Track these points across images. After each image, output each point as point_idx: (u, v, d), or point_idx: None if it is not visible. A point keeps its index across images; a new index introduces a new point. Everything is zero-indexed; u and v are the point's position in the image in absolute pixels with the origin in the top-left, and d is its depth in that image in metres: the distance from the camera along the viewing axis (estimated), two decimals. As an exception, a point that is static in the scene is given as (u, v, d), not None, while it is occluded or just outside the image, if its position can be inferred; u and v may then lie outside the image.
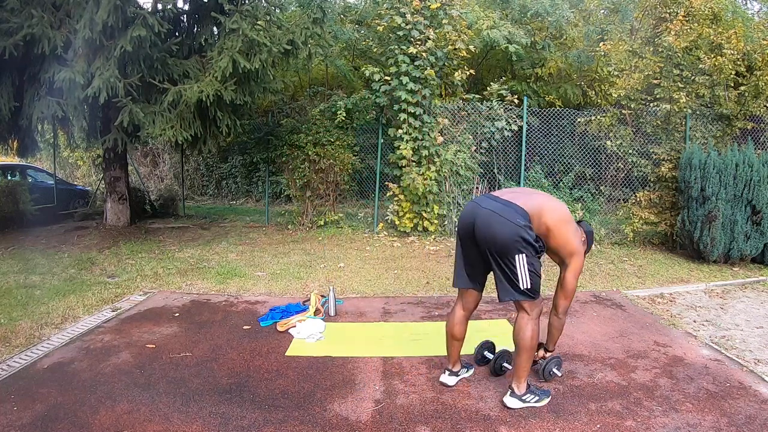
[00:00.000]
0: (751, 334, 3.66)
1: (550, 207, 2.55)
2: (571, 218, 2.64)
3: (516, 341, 2.53)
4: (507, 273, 2.45)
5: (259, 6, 6.77)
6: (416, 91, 6.93)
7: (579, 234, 2.67)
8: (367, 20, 10.86)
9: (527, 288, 2.43)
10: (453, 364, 2.86)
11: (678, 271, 5.43)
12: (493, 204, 2.49)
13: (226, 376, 2.97)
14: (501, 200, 2.50)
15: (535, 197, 2.59)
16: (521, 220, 2.40)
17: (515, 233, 2.38)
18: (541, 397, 2.57)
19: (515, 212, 2.42)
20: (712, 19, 6.87)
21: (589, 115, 7.39)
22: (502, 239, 2.40)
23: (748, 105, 6.40)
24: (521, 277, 2.41)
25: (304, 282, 4.99)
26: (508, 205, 2.46)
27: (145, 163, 13.54)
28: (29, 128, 7.06)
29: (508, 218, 2.40)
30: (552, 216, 2.51)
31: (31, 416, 2.50)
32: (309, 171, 7.63)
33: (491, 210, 2.46)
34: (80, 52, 5.74)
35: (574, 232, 2.60)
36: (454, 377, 2.85)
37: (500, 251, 2.43)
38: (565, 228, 2.55)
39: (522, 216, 2.41)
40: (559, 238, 2.53)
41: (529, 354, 2.51)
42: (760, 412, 2.54)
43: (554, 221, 2.51)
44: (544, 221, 2.49)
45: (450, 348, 2.81)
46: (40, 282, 4.96)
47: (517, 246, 2.39)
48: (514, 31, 9.06)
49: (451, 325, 2.76)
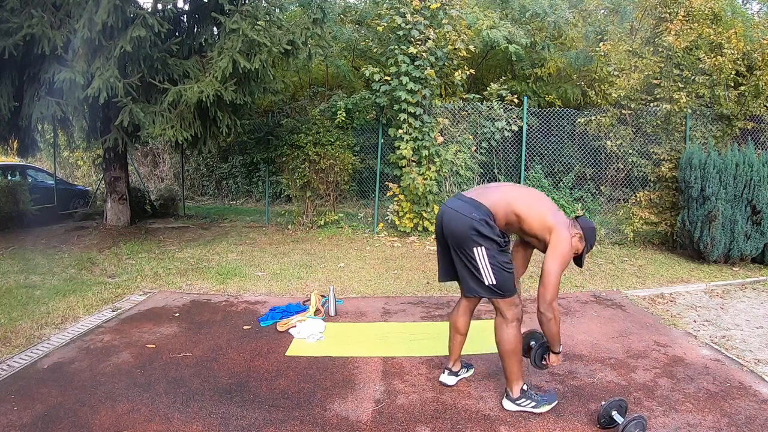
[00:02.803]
0: (751, 334, 3.66)
1: (517, 194, 2.57)
2: (542, 198, 2.59)
3: (496, 345, 2.56)
4: (468, 267, 2.49)
5: (259, 6, 6.76)
6: (416, 91, 6.93)
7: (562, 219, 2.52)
8: (367, 20, 10.86)
9: (492, 284, 2.44)
10: (453, 363, 2.86)
11: (678, 271, 5.43)
12: (456, 203, 2.57)
13: (226, 376, 2.97)
14: (465, 198, 2.57)
15: (500, 189, 2.64)
16: (477, 214, 2.45)
17: (469, 225, 2.44)
18: (539, 403, 2.53)
19: (472, 207, 2.49)
20: (712, 19, 6.87)
21: (589, 115, 7.39)
22: (459, 232, 2.47)
23: (748, 105, 6.40)
24: (483, 272, 2.43)
25: (304, 282, 4.99)
26: (468, 202, 2.52)
27: (145, 163, 13.54)
28: (29, 128, 7.06)
29: (463, 213, 2.47)
30: (519, 201, 2.51)
31: (31, 416, 2.51)
32: (309, 171, 7.63)
33: (452, 208, 2.54)
34: (80, 52, 5.74)
35: (549, 211, 2.51)
36: (453, 377, 2.86)
37: (459, 244, 2.50)
38: (534, 208, 2.50)
39: (478, 210, 2.46)
40: (530, 219, 2.48)
41: (510, 358, 2.51)
42: (760, 412, 2.54)
43: (522, 204, 2.50)
44: (512, 209, 2.49)
45: (452, 343, 2.83)
46: (40, 282, 4.96)
47: (472, 237, 2.43)
48: (514, 31, 9.05)
49: (455, 317, 2.80)
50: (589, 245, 2.61)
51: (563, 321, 3.77)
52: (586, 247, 2.60)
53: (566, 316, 3.94)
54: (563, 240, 2.44)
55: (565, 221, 2.52)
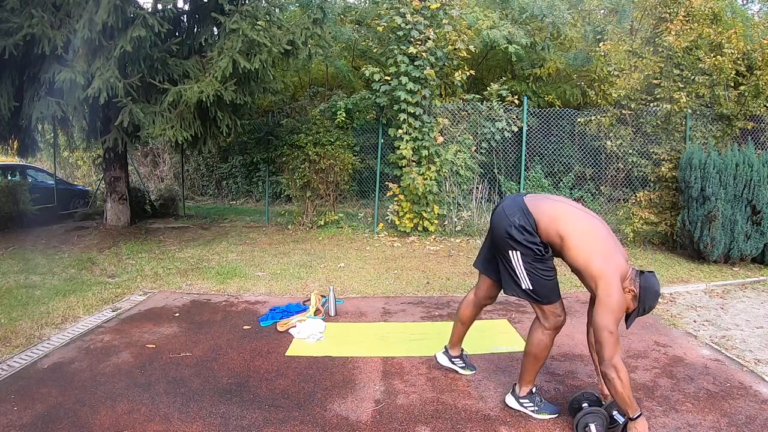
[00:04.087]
0: (751, 334, 3.66)
1: (570, 215, 2.34)
2: (599, 233, 2.30)
3: (526, 342, 2.55)
4: (506, 267, 2.47)
5: (259, 6, 6.76)
6: (416, 91, 6.93)
7: (614, 268, 2.20)
8: (367, 20, 10.87)
9: (529, 288, 2.41)
10: (451, 345, 2.94)
11: (678, 271, 5.43)
12: (509, 202, 2.49)
13: (226, 376, 2.97)
14: (518, 200, 2.45)
15: (556, 204, 2.42)
16: (517, 220, 2.36)
17: (504, 228, 2.39)
18: (541, 409, 2.51)
19: (517, 210, 2.39)
20: (712, 19, 6.87)
21: (589, 115, 7.39)
22: (497, 232, 2.46)
23: (748, 105, 6.40)
24: (520, 276, 2.41)
25: (304, 282, 4.99)
26: (518, 204, 2.42)
27: (145, 163, 13.53)
28: (29, 128, 7.06)
29: (507, 214, 2.41)
30: (568, 225, 2.30)
31: (31, 416, 2.50)
32: (309, 171, 7.63)
33: (503, 206, 2.50)
34: (80, 52, 5.74)
35: (599, 252, 2.24)
36: (446, 359, 2.95)
37: (496, 243, 2.49)
38: (580, 240, 2.26)
39: (521, 216, 2.36)
40: (573, 250, 2.26)
41: (533, 360, 2.47)
42: (760, 412, 2.54)
43: (568, 230, 2.28)
44: (556, 228, 2.30)
45: (453, 328, 2.92)
46: (41, 282, 4.96)
47: (507, 241, 2.39)
48: (514, 32, 9.06)
49: (462, 306, 2.86)
50: (642, 308, 2.25)
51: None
52: (639, 309, 2.25)
53: (566, 316, 3.93)
54: (613, 293, 2.15)
55: (617, 271, 2.20)
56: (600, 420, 2.26)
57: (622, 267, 2.24)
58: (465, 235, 7.28)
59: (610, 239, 2.31)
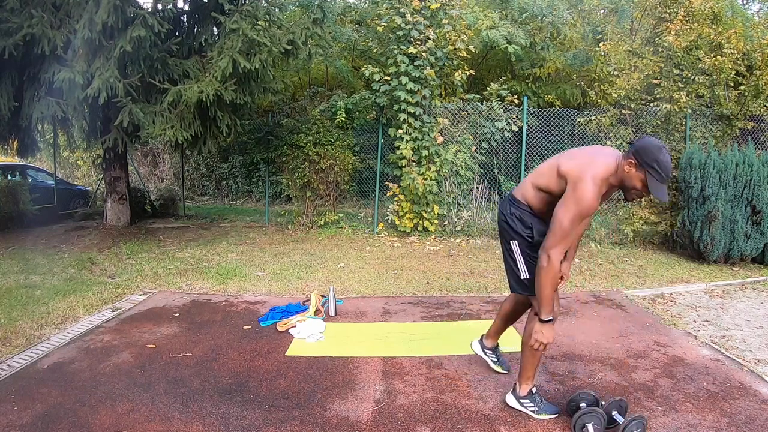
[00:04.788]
0: (751, 334, 3.66)
1: (564, 157, 2.30)
2: (561, 154, 2.32)
3: (522, 337, 2.55)
4: (508, 260, 2.53)
5: (259, 6, 6.77)
6: (416, 91, 6.93)
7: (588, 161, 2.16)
8: (367, 20, 10.87)
9: (527, 278, 2.43)
10: (487, 335, 2.96)
11: (678, 271, 5.43)
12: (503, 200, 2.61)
13: (226, 376, 2.97)
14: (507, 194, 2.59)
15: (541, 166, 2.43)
16: (510, 209, 2.47)
17: (502, 220, 2.51)
18: (541, 409, 2.50)
19: (507, 203, 2.52)
20: (712, 19, 6.86)
21: (589, 115, 7.39)
22: (499, 226, 2.56)
23: (748, 105, 6.40)
24: (520, 266, 2.46)
25: (304, 282, 4.99)
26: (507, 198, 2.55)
27: (145, 163, 13.53)
28: (29, 128, 7.06)
29: (500, 209, 2.54)
30: (566, 160, 2.25)
31: (31, 416, 2.50)
32: (309, 171, 7.63)
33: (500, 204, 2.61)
34: (80, 52, 5.74)
35: (590, 163, 2.16)
36: (479, 347, 2.99)
37: (501, 238, 2.57)
38: (578, 160, 2.21)
39: (512, 205, 2.48)
40: (570, 172, 2.17)
41: (530, 353, 2.44)
42: (760, 412, 2.54)
43: (566, 160, 2.25)
44: (558, 173, 2.23)
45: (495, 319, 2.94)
46: (40, 282, 4.96)
47: (507, 231, 2.48)
48: (514, 32, 9.06)
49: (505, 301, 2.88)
50: (654, 167, 2.01)
51: (562, 321, 3.78)
52: (650, 169, 2.03)
53: (566, 316, 3.94)
54: (581, 188, 2.10)
55: (595, 162, 2.13)
56: (597, 420, 2.27)
57: (608, 164, 2.15)
58: (465, 235, 7.28)
59: (583, 151, 2.33)
